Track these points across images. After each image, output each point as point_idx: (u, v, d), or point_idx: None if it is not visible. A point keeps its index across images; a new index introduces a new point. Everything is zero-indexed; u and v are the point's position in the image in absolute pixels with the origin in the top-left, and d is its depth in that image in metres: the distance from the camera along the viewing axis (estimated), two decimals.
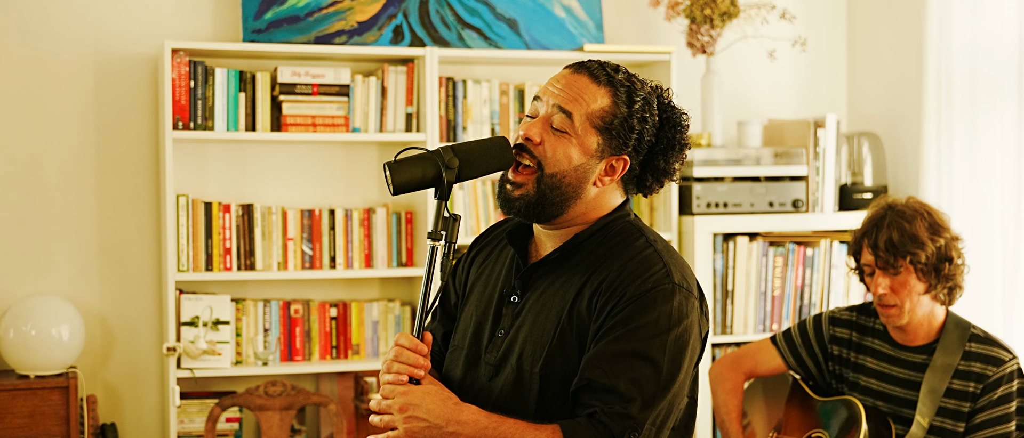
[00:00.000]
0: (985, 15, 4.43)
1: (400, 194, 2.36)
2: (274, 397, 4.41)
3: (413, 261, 4.75)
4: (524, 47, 4.87)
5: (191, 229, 4.50)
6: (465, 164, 2.34)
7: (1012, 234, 4.28)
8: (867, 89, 5.29)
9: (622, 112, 2.32)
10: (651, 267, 2.27)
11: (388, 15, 4.77)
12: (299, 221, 4.65)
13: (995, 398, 3.27)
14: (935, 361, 3.35)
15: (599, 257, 2.33)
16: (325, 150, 4.81)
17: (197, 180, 4.66)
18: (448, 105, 4.77)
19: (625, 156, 2.34)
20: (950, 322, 3.39)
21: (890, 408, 3.41)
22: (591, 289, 2.28)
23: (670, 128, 2.37)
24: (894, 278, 3.33)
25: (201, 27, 4.69)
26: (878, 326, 3.50)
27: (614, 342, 2.22)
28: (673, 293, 2.24)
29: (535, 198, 2.34)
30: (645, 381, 2.20)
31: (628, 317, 2.22)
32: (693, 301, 2.28)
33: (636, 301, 2.23)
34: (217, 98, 4.52)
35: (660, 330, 2.22)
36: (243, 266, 4.58)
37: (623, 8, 5.10)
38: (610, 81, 2.34)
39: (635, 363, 2.20)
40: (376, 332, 4.76)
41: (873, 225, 3.39)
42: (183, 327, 4.46)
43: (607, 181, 2.35)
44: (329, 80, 4.62)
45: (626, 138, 2.33)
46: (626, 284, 2.25)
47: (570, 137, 2.32)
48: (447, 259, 2.34)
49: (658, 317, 2.22)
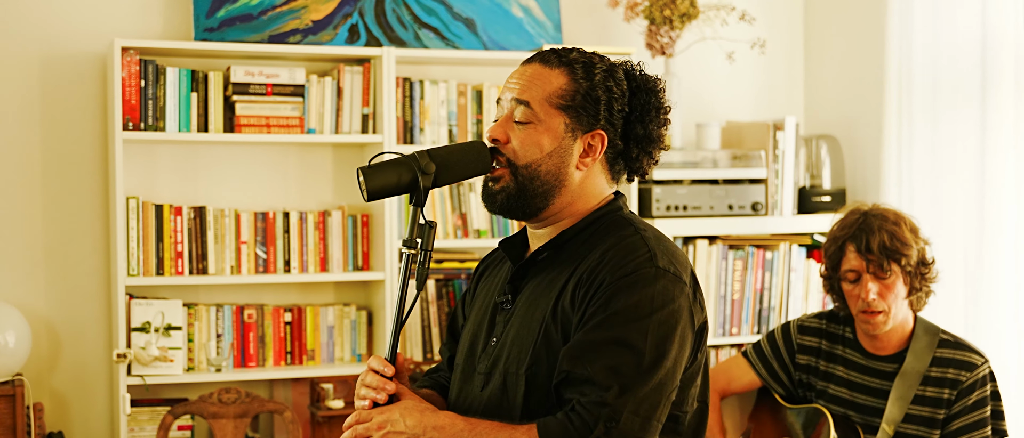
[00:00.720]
0: (946, 18, 4.41)
1: (374, 200, 2.29)
2: (228, 404, 4.31)
3: (369, 265, 4.67)
4: (482, 47, 4.80)
5: (141, 232, 4.39)
6: (442, 169, 2.28)
7: (975, 237, 4.27)
8: (824, 92, 5.27)
9: (583, 86, 2.26)
10: (633, 252, 2.18)
11: (343, 14, 4.68)
12: (253, 224, 4.55)
13: (970, 403, 3.25)
14: (904, 368, 3.32)
15: (586, 250, 2.25)
16: (279, 151, 4.71)
17: (148, 182, 4.54)
18: (405, 106, 4.69)
19: (599, 131, 2.26)
20: (919, 328, 3.37)
21: (861, 418, 3.38)
22: (575, 281, 2.20)
23: (643, 93, 2.29)
24: (882, 283, 3.30)
25: (151, 25, 4.57)
26: (848, 334, 3.47)
27: (591, 331, 2.13)
28: (656, 277, 2.14)
29: (515, 190, 2.28)
30: (624, 367, 2.09)
31: (606, 303, 2.13)
32: (682, 286, 2.17)
33: (614, 286, 2.13)
34: (168, 98, 4.41)
35: (641, 314, 2.11)
36: (195, 270, 4.47)
37: (581, 9, 5.04)
38: (563, 61, 2.29)
39: (613, 350, 2.10)
40: (331, 337, 4.67)
41: (858, 229, 3.35)
42: (133, 333, 4.34)
43: (589, 162, 2.27)
44: (283, 80, 4.52)
45: (594, 111, 2.25)
46: (606, 270, 2.16)
47: (534, 125, 2.27)
48: (423, 267, 2.26)
49: (639, 301, 2.12)
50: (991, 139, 4.21)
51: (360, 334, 4.69)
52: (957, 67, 4.37)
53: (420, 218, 2.27)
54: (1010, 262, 4.14)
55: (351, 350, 4.68)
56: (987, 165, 4.23)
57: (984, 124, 4.24)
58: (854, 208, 3.44)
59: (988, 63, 4.23)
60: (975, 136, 4.28)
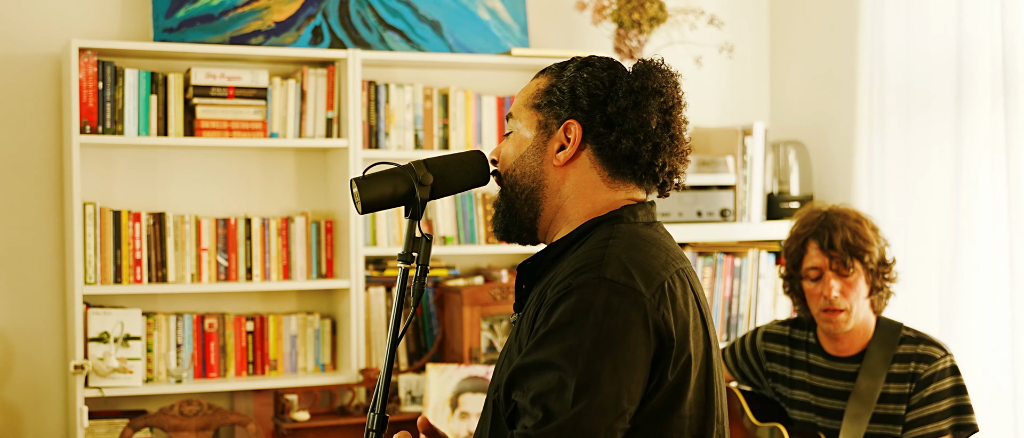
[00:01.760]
0: (919, 25, 4.38)
1: (368, 212, 2.19)
2: (189, 417, 4.19)
3: (333, 273, 4.55)
4: (448, 50, 4.71)
5: (99, 239, 4.25)
6: (439, 180, 2.19)
7: (951, 242, 4.24)
8: (790, 97, 5.23)
9: (555, 81, 2.15)
10: (585, 263, 1.96)
11: (307, 15, 4.57)
12: (214, 230, 4.42)
13: (925, 396, 3.21)
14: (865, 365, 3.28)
15: (562, 264, 2.06)
16: (241, 156, 4.59)
17: (105, 187, 4.40)
18: (370, 110, 4.59)
19: (570, 120, 2.10)
20: (881, 327, 3.34)
21: (827, 422, 3.35)
22: (535, 299, 2.05)
23: (621, 79, 2.11)
24: (844, 281, 3.27)
25: (109, 25, 4.43)
26: (811, 339, 3.43)
27: (527, 354, 1.93)
28: (597, 287, 1.90)
29: (505, 206, 2.19)
30: (549, 392, 1.86)
31: (544, 322, 1.93)
32: (634, 298, 1.91)
33: (554, 302, 1.93)
34: (127, 101, 4.28)
35: (572, 332, 1.88)
36: (154, 278, 4.33)
37: (548, 11, 4.96)
38: (552, 69, 2.19)
39: (542, 374, 1.88)
40: (294, 347, 4.55)
41: (821, 226, 3.32)
42: (91, 343, 4.20)
43: (563, 157, 2.10)
44: (245, 83, 4.40)
45: (564, 101, 2.11)
46: (553, 286, 1.97)
47: (515, 132, 2.18)
48: (420, 283, 2.17)
49: (572, 317, 1.89)
50: (967, 145, 4.19)
51: (324, 343, 4.58)
52: (931, 73, 4.34)
53: (416, 231, 2.17)
54: (986, 267, 4.12)
55: (315, 360, 4.57)
56: (963, 171, 4.20)
57: (959, 130, 4.22)
58: (814, 208, 3.40)
59: (964, 70, 4.20)
60: (950, 142, 4.26)
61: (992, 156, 4.10)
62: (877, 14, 4.54)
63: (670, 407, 1.96)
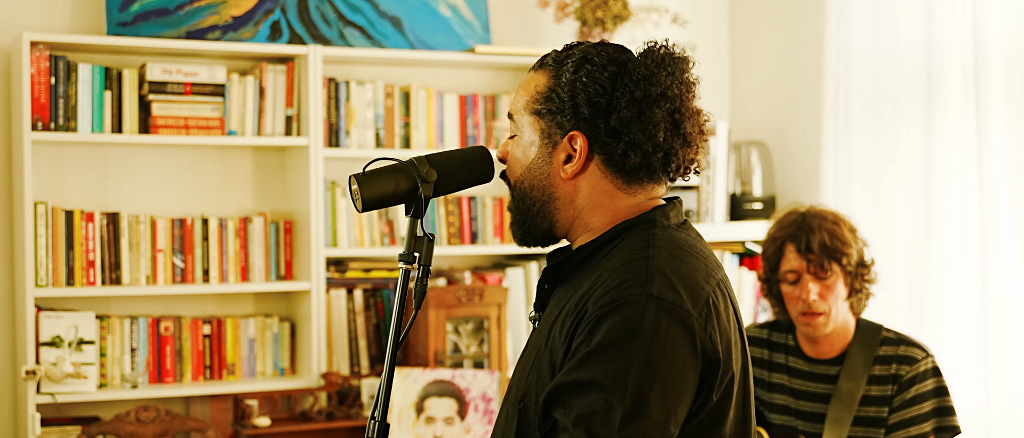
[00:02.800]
0: (887, 23, 4.36)
1: (368, 211, 2.09)
2: (146, 424, 4.05)
3: (292, 274, 4.44)
4: (409, 46, 4.61)
5: (51, 240, 4.10)
6: (443, 177, 2.09)
7: (921, 243, 4.22)
8: (752, 97, 5.19)
9: (553, 85, 2.00)
10: (626, 278, 1.86)
11: (265, 10, 4.45)
12: (169, 231, 4.29)
13: (908, 398, 3.18)
14: (846, 367, 3.25)
15: (594, 270, 1.96)
16: (198, 154, 4.45)
17: (57, 186, 4.25)
18: (330, 107, 4.48)
19: (574, 131, 1.97)
20: (860, 329, 3.31)
21: (808, 426, 3.30)
22: (569, 307, 1.94)
23: (623, 82, 1.96)
24: (823, 283, 3.22)
25: (61, 18, 4.28)
26: (790, 342, 3.39)
27: (570, 371, 1.84)
28: (644, 305, 1.82)
29: (518, 216, 2.08)
30: (593, 414, 1.79)
31: (588, 337, 1.83)
32: (682, 316, 1.83)
33: (598, 318, 1.84)
34: (80, 96, 4.13)
35: (620, 353, 1.80)
36: (108, 280, 4.19)
37: (510, 8, 4.88)
38: (553, 62, 2.03)
39: (586, 395, 1.80)
40: (253, 350, 4.43)
41: (798, 229, 3.27)
42: (43, 348, 4.05)
43: (570, 170, 1.98)
44: (203, 79, 4.27)
45: (565, 109, 1.97)
46: (593, 298, 1.87)
47: (518, 138, 2.06)
48: (421, 284, 2.07)
49: (619, 336, 1.80)
50: (938, 145, 4.17)
51: (283, 347, 4.46)
52: (900, 72, 4.32)
53: (418, 230, 2.08)
54: (958, 268, 4.10)
55: (274, 364, 4.45)
56: (933, 171, 4.19)
57: (930, 130, 4.20)
58: (791, 209, 3.35)
59: (934, 69, 4.18)
60: (921, 142, 4.24)
61: (964, 156, 4.08)
62: (843, 13, 4.51)
63: (712, 427, 1.90)
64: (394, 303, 2.06)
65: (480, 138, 4.68)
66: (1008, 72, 3.95)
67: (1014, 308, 3.95)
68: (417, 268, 2.07)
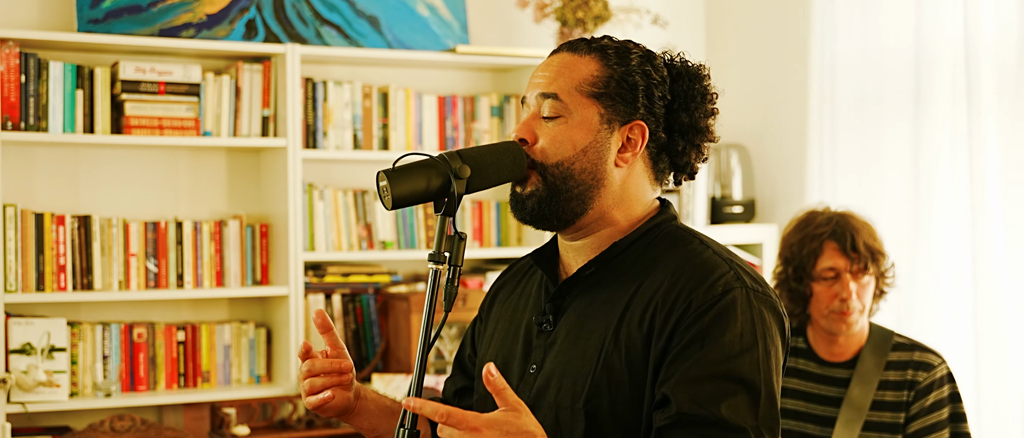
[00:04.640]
0: (874, 25, 4.33)
1: (398, 208, 2.00)
2: (121, 433, 3.92)
3: (268, 279, 4.32)
4: (386, 46, 4.52)
5: (20, 244, 3.96)
6: (476, 173, 2.00)
7: (908, 247, 4.19)
8: (730, 100, 5.14)
9: (618, 72, 1.99)
10: (714, 270, 1.90)
11: (240, 8, 4.34)
12: (142, 235, 4.16)
13: (927, 405, 3.15)
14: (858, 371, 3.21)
15: (645, 266, 1.95)
16: (172, 155, 4.33)
17: (27, 188, 4.11)
18: (308, 108, 4.37)
19: (638, 121, 1.99)
20: (873, 333, 3.28)
21: (819, 430, 3.25)
22: (642, 304, 1.91)
23: (685, 80, 2.04)
24: (860, 282, 3.22)
25: (30, 14, 4.14)
26: (801, 345, 3.34)
27: (696, 365, 1.84)
28: (750, 299, 1.88)
29: (546, 195, 1.99)
30: (743, 408, 1.83)
31: (704, 331, 1.85)
32: (773, 303, 1.92)
33: (709, 311, 1.86)
34: (52, 95, 4.00)
35: (746, 344, 1.85)
36: (79, 285, 4.06)
37: (488, 8, 4.80)
38: (594, 48, 2.03)
39: (728, 387, 1.83)
40: (228, 357, 4.30)
41: (839, 227, 3.25)
42: (12, 355, 3.91)
43: (629, 158, 1.99)
44: (177, 78, 4.16)
45: (632, 99, 1.99)
46: (690, 292, 1.88)
47: (566, 118, 1.99)
48: (452, 285, 1.98)
49: (741, 329, 1.85)
50: (926, 147, 4.14)
51: (259, 354, 4.34)
52: (887, 75, 4.29)
53: (449, 229, 1.99)
54: (947, 271, 4.08)
55: (250, 371, 4.33)
56: (922, 174, 4.16)
57: (918, 132, 4.17)
58: (820, 210, 3.33)
59: (922, 71, 4.15)
60: (908, 144, 4.21)
61: (953, 158, 4.05)
62: (828, 14, 4.47)
63: None
64: (424, 306, 1.97)
65: (460, 140, 4.59)
66: (1000, 73, 3.93)
67: (1005, 311, 3.93)
68: (448, 268, 1.98)
